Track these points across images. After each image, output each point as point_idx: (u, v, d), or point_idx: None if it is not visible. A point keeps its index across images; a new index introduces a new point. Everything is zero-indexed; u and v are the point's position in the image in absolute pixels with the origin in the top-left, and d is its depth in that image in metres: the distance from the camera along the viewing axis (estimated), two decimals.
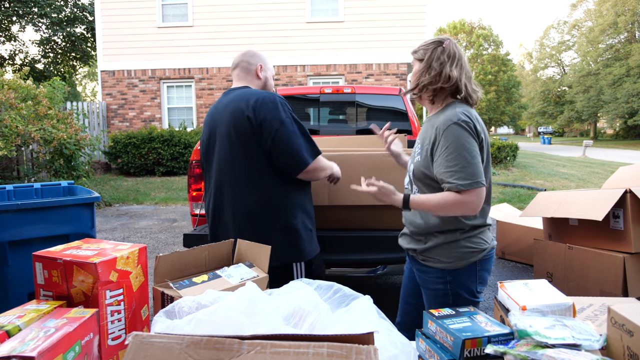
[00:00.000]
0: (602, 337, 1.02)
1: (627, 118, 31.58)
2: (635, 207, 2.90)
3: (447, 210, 1.58)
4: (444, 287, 1.68)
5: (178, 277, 1.27)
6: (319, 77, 13.07)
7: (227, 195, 2.05)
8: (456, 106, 1.64)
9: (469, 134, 1.56)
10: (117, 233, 6.27)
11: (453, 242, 1.66)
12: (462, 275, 1.66)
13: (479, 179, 1.53)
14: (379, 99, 4.71)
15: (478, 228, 1.67)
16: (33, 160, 7.94)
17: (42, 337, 0.87)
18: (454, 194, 1.54)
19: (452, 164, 1.54)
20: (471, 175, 1.52)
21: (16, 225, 2.29)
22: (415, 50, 1.73)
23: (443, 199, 1.56)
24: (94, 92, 48.78)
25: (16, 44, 24.72)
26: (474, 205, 1.54)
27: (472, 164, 1.53)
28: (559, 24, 43.00)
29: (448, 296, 1.68)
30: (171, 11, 13.15)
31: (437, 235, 1.68)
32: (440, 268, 1.68)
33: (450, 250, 1.66)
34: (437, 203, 1.57)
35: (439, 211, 1.61)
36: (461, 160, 1.53)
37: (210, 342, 0.71)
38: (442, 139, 1.58)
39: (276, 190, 2.00)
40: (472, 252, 1.65)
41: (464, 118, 1.58)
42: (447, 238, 1.66)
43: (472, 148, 1.55)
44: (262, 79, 2.15)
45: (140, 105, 13.27)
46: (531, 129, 50.44)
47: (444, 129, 1.57)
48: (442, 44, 1.67)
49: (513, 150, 12.38)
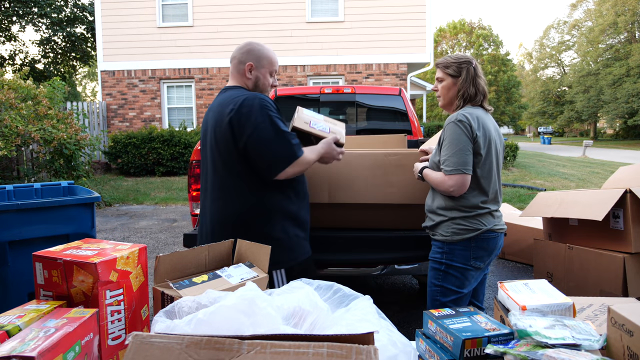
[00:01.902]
0: (602, 337, 1.02)
1: (627, 118, 31.57)
2: (635, 207, 2.90)
3: (436, 186, 2.01)
4: (440, 256, 2.04)
5: (178, 277, 1.27)
6: (319, 77, 13.07)
7: (207, 201, 2.03)
8: (465, 109, 2.02)
9: (462, 131, 1.92)
10: (117, 233, 6.27)
11: (451, 220, 2.00)
12: (456, 248, 2.00)
13: (461, 167, 1.90)
14: (379, 99, 4.72)
15: (474, 210, 1.98)
16: (33, 160, 7.94)
17: (42, 337, 0.87)
18: (442, 175, 1.97)
19: (444, 153, 1.96)
20: (455, 163, 1.91)
21: (16, 225, 2.29)
22: (447, 66, 2.05)
23: (436, 176, 2.01)
24: (94, 92, 48.80)
25: (16, 44, 24.77)
26: (453, 187, 1.92)
27: (456, 154, 1.91)
28: (559, 24, 42.99)
29: (442, 265, 2.03)
30: (171, 11, 13.15)
31: (440, 214, 2.04)
32: (441, 240, 2.04)
33: (448, 226, 2.01)
34: (432, 178, 2.04)
35: (433, 184, 2.04)
36: (450, 151, 1.93)
37: (210, 342, 0.71)
38: (444, 134, 1.99)
39: (253, 199, 1.93)
40: (466, 229, 1.98)
41: (461, 118, 1.94)
42: (447, 216, 2.01)
43: (461, 142, 1.92)
44: (252, 79, 2.02)
45: (140, 105, 13.27)
46: (531, 129, 50.44)
47: (446, 126, 1.99)
48: (472, 63, 2.05)
49: (513, 150, 12.38)
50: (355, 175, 2.52)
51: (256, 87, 2.05)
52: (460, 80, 2.04)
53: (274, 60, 2.09)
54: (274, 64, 2.08)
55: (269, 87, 2.09)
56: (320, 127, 2.12)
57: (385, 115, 4.74)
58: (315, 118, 2.16)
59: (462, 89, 2.03)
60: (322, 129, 2.11)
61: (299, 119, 2.09)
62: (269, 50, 2.08)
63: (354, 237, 2.69)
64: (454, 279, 2.00)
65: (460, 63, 2.04)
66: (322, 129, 2.11)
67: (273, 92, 4.63)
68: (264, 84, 2.06)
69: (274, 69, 2.08)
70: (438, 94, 2.13)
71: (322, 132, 2.09)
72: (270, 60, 2.07)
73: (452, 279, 2.00)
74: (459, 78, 2.05)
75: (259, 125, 1.85)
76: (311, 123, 2.10)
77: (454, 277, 2.00)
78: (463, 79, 2.03)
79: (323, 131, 2.10)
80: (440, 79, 2.10)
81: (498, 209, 2.07)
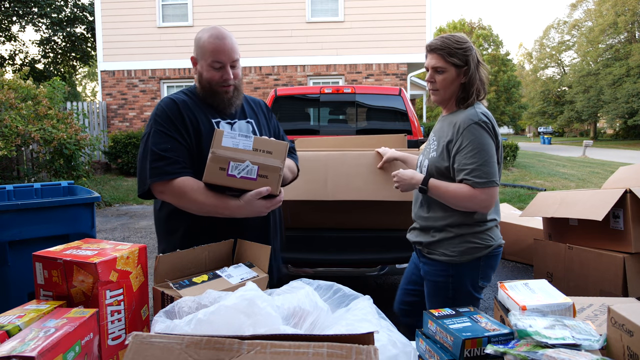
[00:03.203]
0: (602, 337, 1.02)
1: (627, 118, 31.57)
2: (635, 207, 2.90)
3: (460, 201, 1.61)
4: (445, 280, 1.70)
5: (178, 277, 1.27)
6: (319, 77, 13.06)
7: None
8: (477, 106, 1.69)
9: (488, 134, 1.61)
10: (117, 233, 6.27)
11: (459, 237, 1.67)
12: (464, 270, 1.68)
13: (494, 178, 1.58)
14: (379, 99, 4.72)
15: (485, 224, 1.69)
16: (33, 160, 7.94)
17: (42, 337, 0.87)
18: (468, 188, 1.58)
19: (470, 161, 1.58)
20: (487, 174, 1.57)
21: (16, 225, 2.29)
22: (451, 53, 1.64)
23: (459, 189, 1.60)
24: (94, 92, 48.79)
25: (16, 44, 24.76)
26: (486, 202, 1.59)
27: (488, 163, 1.58)
28: (559, 24, 43.00)
29: (449, 290, 1.69)
30: (171, 11, 13.15)
31: (444, 229, 1.69)
32: (444, 261, 1.69)
33: (455, 245, 1.67)
34: (453, 192, 1.61)
35: (452, 200, 1.63)
36: (479, 159, 1.58)
37: (210, 342, 0.71)
38: (462, 137, 1.61)
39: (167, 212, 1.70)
40: (477, 247, 1.67)
41: (484, 119, 1.62)
42: (453, 232, 1.68)
43: (490, 148, 1.60)
44: (197, 74, 1.71)
45: (140, 105, 13.26)
46: (531, 129, 50.42)
47: (465, 128, 1.61)
48: (473, 47, 1.68)
49: (513, 150, 12.38)
50: (355, 175, 2.52)
51: (203, 85, 1.70)
52: (469, 72, 1.66)
53: (214, 48, 1.62)
54: (213, 54, 1.62)
55: (219, 83, 1.66)
56: (243, 171, 1.48)
57: (385, 115, 4.75)
58: (237, 156, 1.47)
59: (471, 82, 1.67)
60: (245, 174, 1.48)
61: (211, 163, 1.46)
62: (211, 36, 1.63)
63: (354, 237, 2.69)
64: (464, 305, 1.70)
65: (465, 49, 1.65)
66: (245, 174, 1.48)
67: (273, 92, 4.62)
68: (208, 79, 1.66)
69: (216, 59, 1.63)
70: (435, 87, 1.71)
71: (245, 180, 1.48)
72: (206, 50, 1.63)
73: (461, 305, 1.66)
74: (464, 68, 1.66)
75: (143, 138, 1.67)
76: (230, 167, 1.47)
77: (463, 303, 1.64)
78: (472, 69, 1.66)
79: (246, 179, 1.49)
80: (440, 68, 1.67)
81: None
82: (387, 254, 2.74)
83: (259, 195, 1.49)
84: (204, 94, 1.71)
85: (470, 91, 1.68)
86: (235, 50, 1.67)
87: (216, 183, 1.48)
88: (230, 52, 1.64)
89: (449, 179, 1.68)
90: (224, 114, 1.74)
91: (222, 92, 1.68)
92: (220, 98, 1.70)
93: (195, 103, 1.71)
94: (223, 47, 1.63)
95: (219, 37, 1.63)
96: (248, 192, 1.49)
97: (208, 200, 1.53)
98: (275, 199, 1.54)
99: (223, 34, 1.65)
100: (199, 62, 1.68)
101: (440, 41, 1.66)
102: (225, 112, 1.74)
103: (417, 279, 1.91)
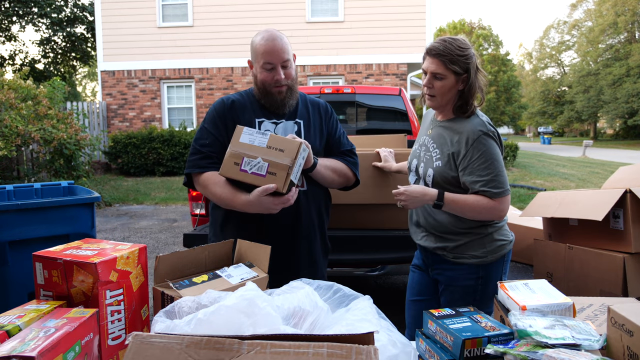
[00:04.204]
0: (602, 337, 1.02)
1: (627, 118, 31.57)
2: (635, 207, 2.90)
3: (480, 213, 1.62)
4: (474, 282, 1.70)
5: (178, 277, 1.27)
6: (319, 77, 13.07)
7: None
8: (479, 115, 1.70)
9: (496, 143, 1.63)
10: (117, 233, 6.27)
11: (486, 236, 1.69)
12: (492, 269, 1.70)
13: (508, 187, 1.63)
14: (379, 99, 4.72)
15: (502, 220, 1.74)
16: (33, 160, 7.94)
17: (42, 337, 0.87)
18: (487, 199, 1.60)
19: (485, 173, 1.59)
20: (502, 183, 1.61)
21: (16, 225, 2.29)
22: (453, 61, 1.60)
23: (478, 202, 1.61)
24: (94, 92, 48.79)
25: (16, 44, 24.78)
26: (504, 212, 1.64)
27: (502, 173, 1.61)
28: (558, 24, 42.98)
29: (477, 292, 1.70)
30: (171, 11, 13.15)
31: (469, 231, 1.69)
32: (474, 264, 1.69)
33: (483, 245, 1.68)
34: (472, 204, 1.61)
35: (471, 212, 1.64)
36: (493, 170, 1.60)
37: (210, 342, 0.71)
38: (472, 150, 1.61)
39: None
40: (502, 244, 1.70)
41: (492, 129, 1.64)
42: (479, 233, 1.69)
43: (500, 157, 1.63)
44: (253, 76, 1.78)
45: (140, 105, 13.27)
46: (531, 129, 50.44)
47: (475, 139, 1.61)
48: (473, 56, 1.66)
49: (513, 150, 12.39)
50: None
51: (259, 87, 1.76)
52: (468, 79, 1.64)
53: (264, 50, 1.67)
54: (264, 56, 1.67)
55: (271, 84, 1.71)
56: (254, 167, 1.53)
57: (385, 115, 4.75)
58: (250, 152, 1.54)
59: (469, 90, 1.64)
60: (256, 170, 1.53)
61: (227, 158, 1.56)
62: (262, 38, 1.69)
63: (354, 237, 2.69)
64: (486, 308, 1.63)
65: (467, 57, 1.61)
66: (256, 170, 1.53)
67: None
68: (262, 81, 1.72)
69: (267, 60, 1.67)
70: (432, 92, 1.66)
71: (255, 176, 1.53)
72: (258, 52, 1.69)
73: (485, 308, 1.62)
74: (463, 76, 1.64)
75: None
76: (243, 162, 1.54)
77: (486, 305, 1.65)
78: (472, 77, 1.63)
79: (257, 175, 1.53)
80: (439, 75, 1.62)
81: None
82: (387, 254, 2.73)
83: (266, 191, 1.51)
84: (260, 95, 1.78)
85: (469, 99, 1.66)
86: (286, 51, 1.70)
87: (230, 177, 1.57)
88: (280, 53, 1.68)
89: (457, 187, 1.67)
90: (275, 114, 1.78)
91: (275, 92, 1.73)
92: (273, 99, 1.74)
93: (248, 103, 1.79)
94: (273, 48, 1.67)
95: (269, 39, 1.68)
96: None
97: (223, 194, 1.63)
98: (284, 197, 1.53)
99: (273, 35, 1.69)
100: (254, 65, 1.75)
101: (443, 46, 1.61)
102: (278, 112, 1.78)
103: (423, 288, 1.89)
